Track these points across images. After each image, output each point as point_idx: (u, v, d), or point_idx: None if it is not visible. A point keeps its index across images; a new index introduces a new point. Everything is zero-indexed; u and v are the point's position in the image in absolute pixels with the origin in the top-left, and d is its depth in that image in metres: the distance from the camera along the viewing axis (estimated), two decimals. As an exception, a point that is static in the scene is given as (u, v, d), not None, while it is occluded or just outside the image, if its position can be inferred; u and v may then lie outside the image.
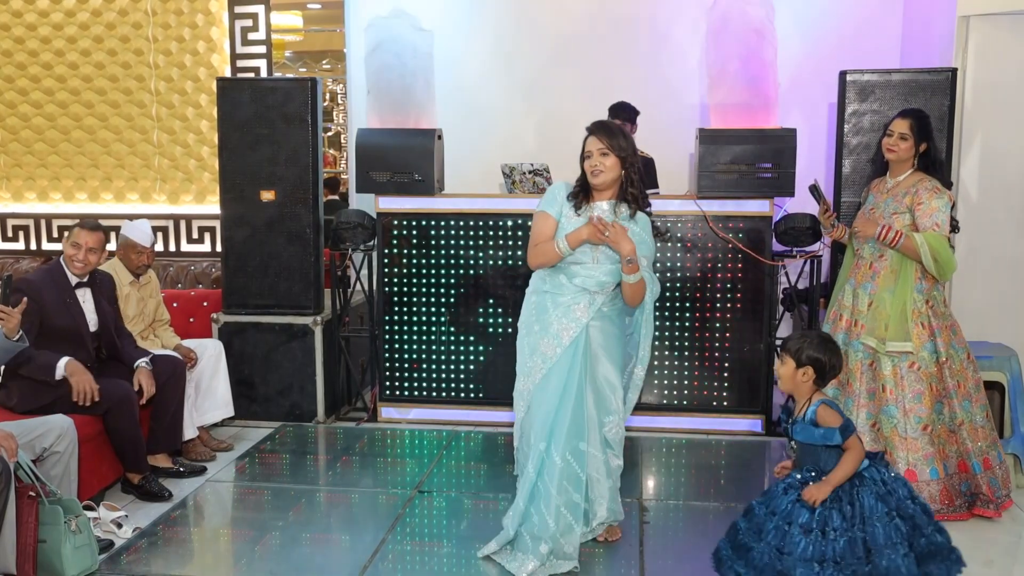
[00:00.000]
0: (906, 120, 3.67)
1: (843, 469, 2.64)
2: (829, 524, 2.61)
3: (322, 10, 6.54)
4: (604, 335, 3.22)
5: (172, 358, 4.12)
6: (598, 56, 5.89)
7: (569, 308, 3.17)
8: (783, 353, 2.82)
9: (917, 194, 3.60)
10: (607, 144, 3.15)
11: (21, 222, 6.60)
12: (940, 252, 3.53)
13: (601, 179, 3.16)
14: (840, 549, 2.58)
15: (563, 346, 3.15)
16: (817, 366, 2.74)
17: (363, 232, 4.87)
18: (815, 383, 2.76)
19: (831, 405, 2.73)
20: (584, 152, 3.21)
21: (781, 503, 2.69)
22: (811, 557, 2.58)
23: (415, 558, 3.27)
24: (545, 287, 3.24)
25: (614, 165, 3.16)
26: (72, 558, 2.99)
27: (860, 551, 2.58)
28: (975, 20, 4.66)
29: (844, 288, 3.87)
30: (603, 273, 3.16)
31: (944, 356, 3.61)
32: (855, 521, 2.61)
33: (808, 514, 2.63)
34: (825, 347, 2.76)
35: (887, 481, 2.68)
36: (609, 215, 3.18)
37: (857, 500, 2.63)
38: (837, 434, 2.65)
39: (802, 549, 2.59)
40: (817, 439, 2.68)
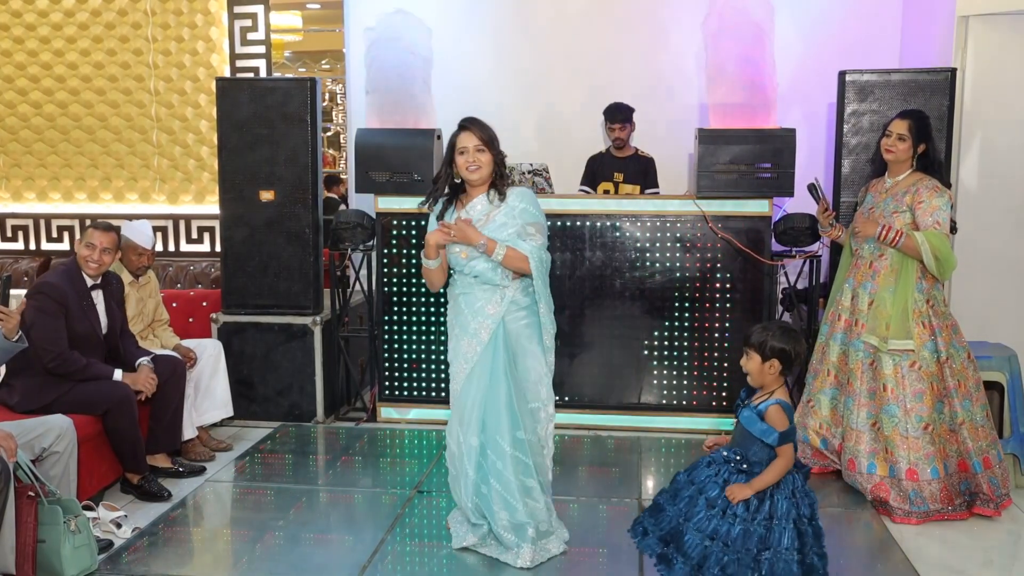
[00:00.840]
0: (904, 121, 3.68)
1: (769, 475, 2.73)
2: (731, 508, 2.72)
3: (321, 10, 6.54)
4: (523, 325, 3.22)
5: (171, 358, 4.12)
6: (598, 56, 5.89)
7: (484, 306, 3.19)
8: (747, 348, 2.86)
9: (918, 192, 3.61)
10: (482, 140, 3.18)
11: (20, 222, 6.60)
12: (940, 250, 3.54)
13: (478, 175, 3.18)
14: (734, 534, 2.69)
15: (483, 343, 3.17)
16: (782, 357, 2.79)
17: (362, 232, 4.87)
18: (781, 374, 2.81)
19: (785, 409, 2.78)
20: (457, 149, 3.19)
21: (700, 474, 2.82)
22: (704, 529, 2.72)
23: (414, 558, 3.27)
24: (457, 289, 3.27)
25: (489, 161, 3.19)
26: (71, 558, 2.99)
27: (752, 543, 2.69)
28: (974, 20, 4.67)
29: (843, 288, 3.87)
30: (487, 266, 3.15)
31: (945, 355, 3.62)
32: (759, 516, 2.71)
33: (717, 489, 2.75)
34: (788, 337, 2.81)
35: (797, 493, 2.77)
36: (483, 206, 3.21)
37: (769, 499, 2.73)
38: (776, 436, 2.73)
39: (699, 519, 2.73)
40: (756, 431, 2.76)
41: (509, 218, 3.18)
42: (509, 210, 3.19)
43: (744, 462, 2.78)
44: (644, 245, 4.67)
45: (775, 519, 2.70)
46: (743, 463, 2.78)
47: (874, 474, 3.67)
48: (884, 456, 3.66)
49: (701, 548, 2.69)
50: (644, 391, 4.78)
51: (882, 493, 3.64)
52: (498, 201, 3.21)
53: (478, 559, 3.21)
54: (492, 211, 3.20)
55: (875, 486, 3.66)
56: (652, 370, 4.75)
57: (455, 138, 3.22)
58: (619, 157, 5.38)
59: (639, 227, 4.67)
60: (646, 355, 4.74)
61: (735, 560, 2.66)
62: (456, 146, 3.20)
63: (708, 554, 2.68)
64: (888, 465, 3.64)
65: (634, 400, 4.78)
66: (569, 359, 4.77)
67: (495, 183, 3.24)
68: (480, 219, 3.19)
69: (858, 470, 3.73)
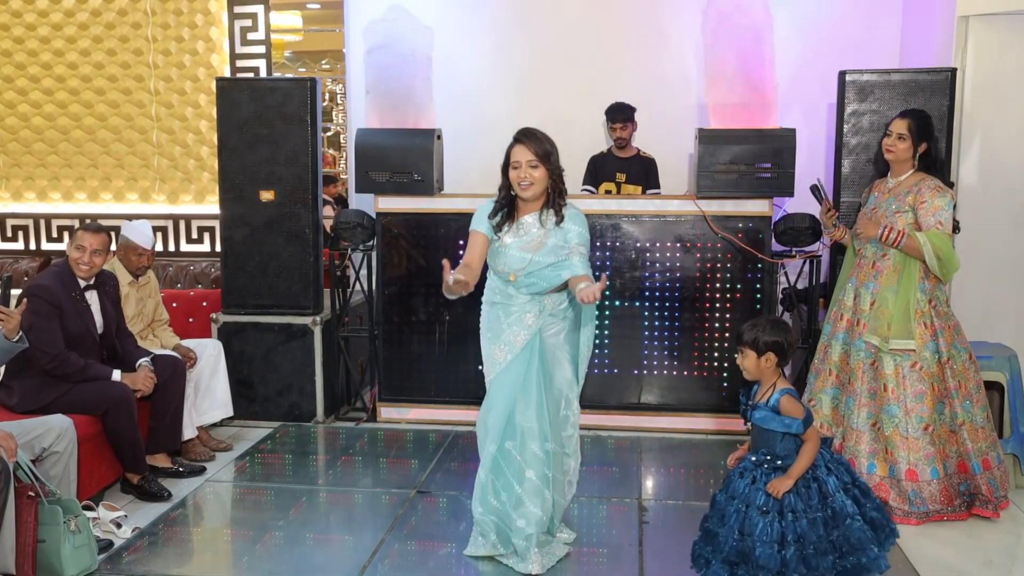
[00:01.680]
0: (904, 120, 3.67)
1: (803, 460, 2.72)
2: (788, 507, 2.70)
3: (321, 10, 6.55)
4: (557, 337, 3.20)
5: (171, 358, 4.12)
6: (597, 56, 5.89)
7: (520, 317, 3.15)
8: (741, 347, 2.86)
9: (920, 192, 3.60)
10: (537, 154, 3.05)
11: (20, 222, 6.60)
12: (942, 250, 3.54)
13: (531, 192, 3.07)
14: (802, 529, 2.68)
15: (515, 352, 3.12)
16: (777, 349, 2.80)
17: (362, 232, 4.87)
18: (777, 366, 2.82)
19: (794, 395, 2.79)
20: (511, 162, 3.09)
21: (739, 487, 2.78)
22: (771, 538, 2.67)
23: (414, 558, 3.27)
24: (496, 299, 3.21)
25: (543, 176, 3.07)
26: (71, 558, 2.99)
27: (822, 529, 2.68)
28: (974, 20, 4.66)
29: (845, 288, 3.87)
30: (555, 278, 3.09)
31: (946, 356, 3.62)
32: (813, 502, 2.70)
33: (764, 496, 2.72)
34: (778, 329, 2.82)
35: (831, 464, 2.79)
36: (537, 230, 3.11)
37: (814, 481, 2.73)
38: (799, 424, 2.73)
39: (760, 530, 2.68)
40: (778, 427, 2.76)
41: (561, 242, 3.09)
42: (563, 234, 3.10)
43: (776, 459, 2.76)
44: (644, 245, 4.66)
45: (829, 497, 2.71)
46: (775, 461, 2.76)
47: (874, 474, 3.67)
48: (884, 456, 3.66)
49: (777, 557, 2.65)
50: (644, 391, 4.78)
51: (882, 493, 3.63)
52: (552, 224, 3.11)
53: (479, 557, 3.21)
54: (543, 236, 3.10)
55: (875, 486, 3.66)
56: (652, 370, 4.75)
57: (509, 150, 3.11)
58: (621, 157, 5.38)
59: (639, 227, 4.67)
60: (646, 355, 4.74)
61: (812, 552, 2.65)
62: (510, 159, 3.10)
63: (787, 559, 2.65)
64: (888, 465, 3.64)
65: (634, 400, 4.78)
66: (569, 359, 4.77)
67: (551, 200, 3.13)
68: (531, 243, 3.10)
69: (858, 470, 3.72)
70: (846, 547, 2.68)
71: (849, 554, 2.69)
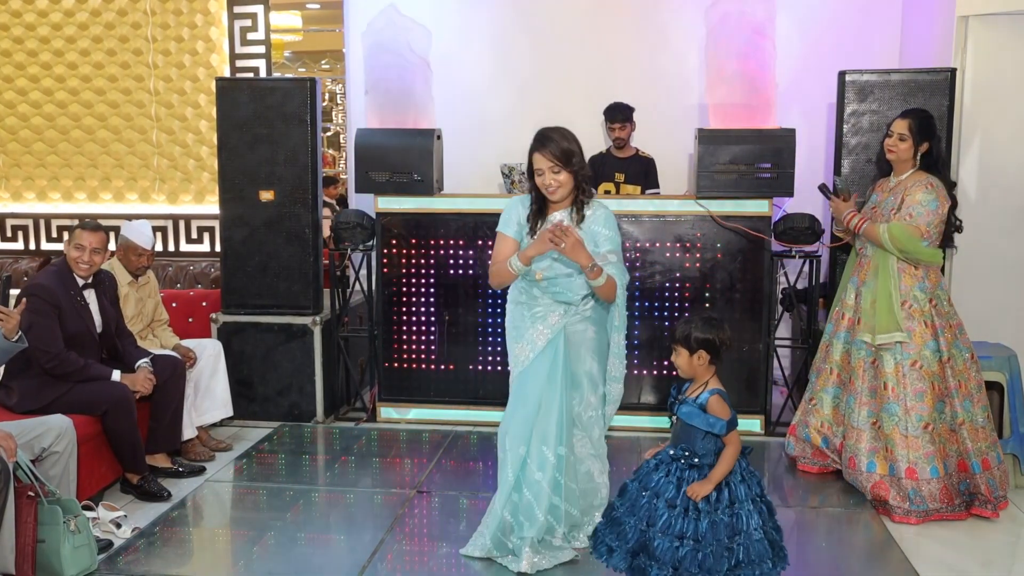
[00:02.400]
0: (905, 120, 3.69)
1: (723, 465, 2.76)
2: (692, 505, 2.73)
3: (321, 10, 6.54)
4: (584, 336, 3.20)
5: (171, 358, 4.12)
6: (597, 56, 5.89)
7: (544, 317, 3.17)
8: (674, 344, 2.89)
9: (907, 189, 3.64)
10: (557, 160, 3.08)
11: (20, 222, 6.60)
12: (900, 239, 3.58)
13: (558, 196, 3.13)
14: (703, 529, 2.71)
15: (537, 350, 3.13)
16: (708, 347, 2.82)
17: (362, 232, 4.86)
18: (711, 364, 2.85)
19: (723, 397, 2.82)
20: (533, 169, 3.13)
21: (652, 479, 2.83)
22: (671, 531, 2.72)
23: (414, 558, 3.27)
24: (521, 298, 3.24)
25: (568, 179, 3.11)
26: (71, 558, 2.99)
27: (722, 533, 2.71)
28: (974, 20, 4.66)
29: (847, 287, 3.89)
30: (578, 287, 3.14)
31: (946, 355, 3.62)
32: (720, 505, 2.73)
33: (674, 490, 2.76)
34: (710, 327, 2.84)
35: (745, 473, 2.82)
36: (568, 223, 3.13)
37: (725, 487, 2.76)
38: (723, 425, 2.76)
39: (663, 522, 2.73)
40: (702, 424, 2.78)
41: (588, 242, 3.10)
42: (590, 235, 3.13)
43: (693, 456, 2.80)
44: (644, 245, 4.66)
45: (736, 504, 2.73)
46: (692, 458, 2.80)
47: (874, 472, 3.68)
48: (884, 455, 3.67)
49: (673, 551, 2.69)
50: (644, 391, 4.78)
51: (881, 492, 3.64)
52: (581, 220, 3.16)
53: (478, 560, 3.21)
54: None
55: (875, 485, 3.67)
56: (652, 370, 4.75)
57: (530, 157, 3.15)
58: (620, 157, 5.38)
59: (639, 227, 4.67)
60: (646, 355, 4.74)
61: (709, 553, 2.68)
62: (533, 166, 3.14)
63: (682, 555, 2.69)
64: (888, 464, 3.64)
65: (634, 400, 4.78)
66: (569, 359, 4.77)
67: (577, 202, 3.17)
68: None
69: (858, 468, 3.73)
70: (743, 558, 2.70)
71: (745, 565, 2.71)
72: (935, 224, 3.60)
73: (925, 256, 3.61)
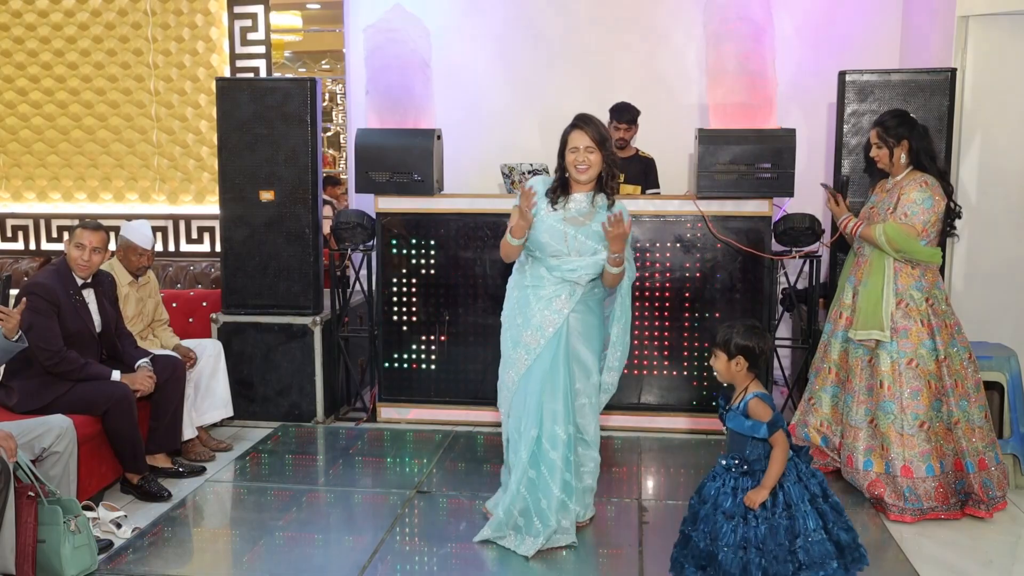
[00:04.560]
0: (874, 129, 3.79)
1: (775, 468, 2.73)
2: (750, 512, 2.71)
3: (321, 10, 6.54)
4: (584, 324, 3.31)
5: (171, 358, 4.12)
6: (597, 56, 5.89)
7: (551, 300, 3.25)
8: (713, 348, 2.89)
9: (903, 188, 3.66)
10: (594, 140, 3.19)
11: (20, 222, 6.60)
12: (896, 240, 3.59)
13: (588, 175, 3.23)
14: (761, 535, 2.68)
15: (547, 337, 3.23)
16: (747, 354, 2.81)
17: (362, 232, 4.86)
18: (749, 370, 2.83)
19: (764, 399, 2.79)
20: (568, 146, 3.23)
21: (709, 490, 2.81)
22: (733, 543, 2.69)
23: (414, 558, 3.27)
24: (526, 281, 3.31)
25: (599, 161, 3.22)
26: (71, 558, 2.99)
27: (782, 537, 2.68)
28: (974, 20, 4.66)
29: (845, 287, 3.89)
30: (586, 266, 3.23)
31: (943, 354, 3.62)
32: (777, 509, 2.71)
33: (731, 500, 2.74)
34: (751, 334, 2.83)
35: (803, 475, 2.78)
36: (586, 206, 3.26)
37: (780, 490, 2.73)
38: (764, 428, 2.73)
39: (724, 534, 2.71)
40: (745, 430, 2.77)
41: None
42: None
43: (744, 463, 2.79)
44: (644, 245, 4.66)
45: (793, 507, 2.71)
46: (743, 465, 2.79)
47: (870, 470, 3.68)
48: (880, 453, 3.67)
49: (738, 561, 2.67)
50: (644, 391, 4.78)
51: (878, 490, 3.64)
52: (600, 205, 3.26)
53: (479, 557, 3.22)
54: (592, 212, 3.24)
55: (871, 483, 3.67)
56: (652, 370, 4.75)
57: (567, 135, 3.25)
58: (620, 157, 5.36)
59: (639, 227, 4.66)
60: (646, 355, 4.74)
61: (773, 559, 2.66)
62: (568, 143, 3.23)
63: (747, 564, 2.67)
64: (884, 462, 3.65)
65: (634, 400, 4.78)
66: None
67: (602, 184, 3.26)
68: (578, 217, 3.24)
69: (855, 467, 3.74)
70: (805, 559, 2.68)
71: (807, 567, 2.68)
72: (932, 222, 3.61)
73: (923, 255, 3.62)
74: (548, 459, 3.20)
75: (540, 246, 3.25)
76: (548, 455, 3.20)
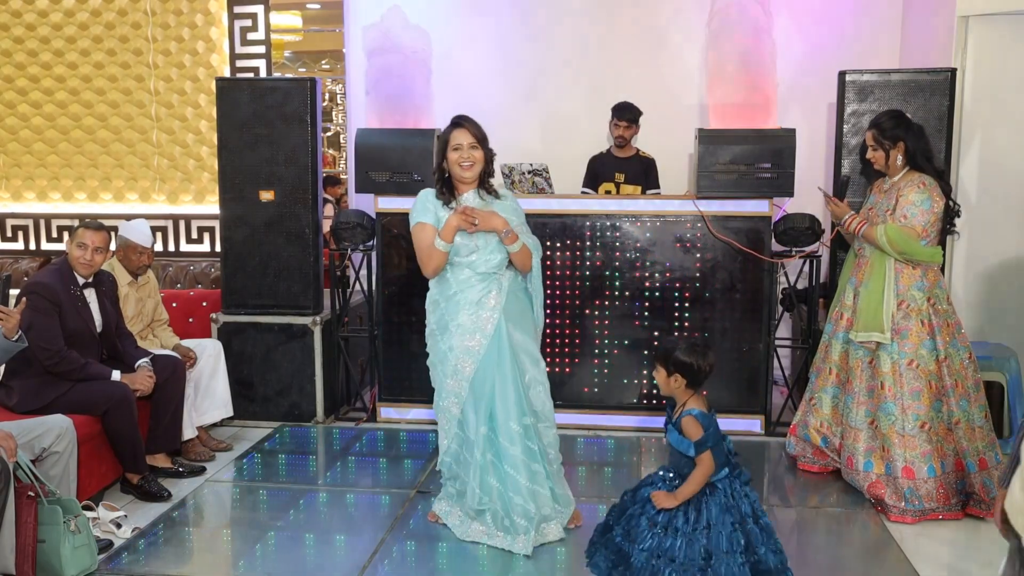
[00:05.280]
0: (870, 132, 3.80)
1: (691, 484, 2.73)
2: (672, 523, 2.73)
3: (321, 10, 6.55)
4: (517, 312, 3.35)
5: (171, 358, 4.12)
6: (597, 56, 5.89)
7: (482, 301, 3.28)
8: (655, 361, 2.88)
9: (900, 189, 3.66)
10: (476, 137, 3.30)
11: (20, 222, 6.60)
12: (898, 242, 3.58)
13: (472, 172, 3.32)
14: (678, 548, 2.69)
15: (488, 336, 3.26)
16: (685, 371, 2.79)
17: (362, 232, 4.86)
18: (688, 387, 2.81)
19: (699, 418, 2.76)
20: (451, 145, 3.31)
21: (644, 493, 2.83)
22: (649, 548, 2.71)
23: (414, 558, 3.27)
24: (451, 290, 3.32)
25: (481, 158, 3.32)
26: (71, 558, 2.99)
27: (697, 555, 2.67)
28: (974, 20, 4.67)
29: (846, 287, 3.89)
30: (499, 252, 3.29)
31: (943, 354, 3.62)
32: (698, 526, 2.71)
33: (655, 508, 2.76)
34: (692, 352, 2.80)
35: (735, 495, 2.76)
36: (477, 203, 3.33)
37: (704, 508, 2.73)
38: (692, 447, 2.74)
39: (643, 539, 2.73)
40: (677, 446, 2.78)
41: (508, 214, 3.32)
42: (505, 207, 3.35)
43: (676, 477, 2.80)
44: (644, 245, 4.66)
45: (711, 526, 2.70)
46: (675, 479, 2.80)
47: (870, 472, 3.68)
48: (880, 454, 3.67)
49: (649, 568, 2.69)
50: (644, 391, 4.78)
51: (878, 491, 3.64)
52: (490, 198, 3.36)
53: (478, 557, 3.21)
54: (484, 207, 3.33)
55: (871, 484, 3.67)
56: (652, 370, 4.74)
57: (448, 135, 3.34)
58: (620, 157, 5.38)
59: (639, 227, 4.67)
60: (646, 355, 4.74)
61: (682, 573, 2.66)
62: (450, 143, 3.32)
63: (656, 572, 2.68)
64: (884, 463, 3.65)
65: (634, 400, 4.78)
66: (569, 359, 4.77)
67: (483, 181, 3.37)
68: None
69: (855, 468, 3.74)
70: None
71: None
72: (931, 223, 3.61)
73: (924, 256, 3.62)
74: (508, 455, 3.22)
75: (455, 249, 3.29)
76: (508, 451, 3.22)
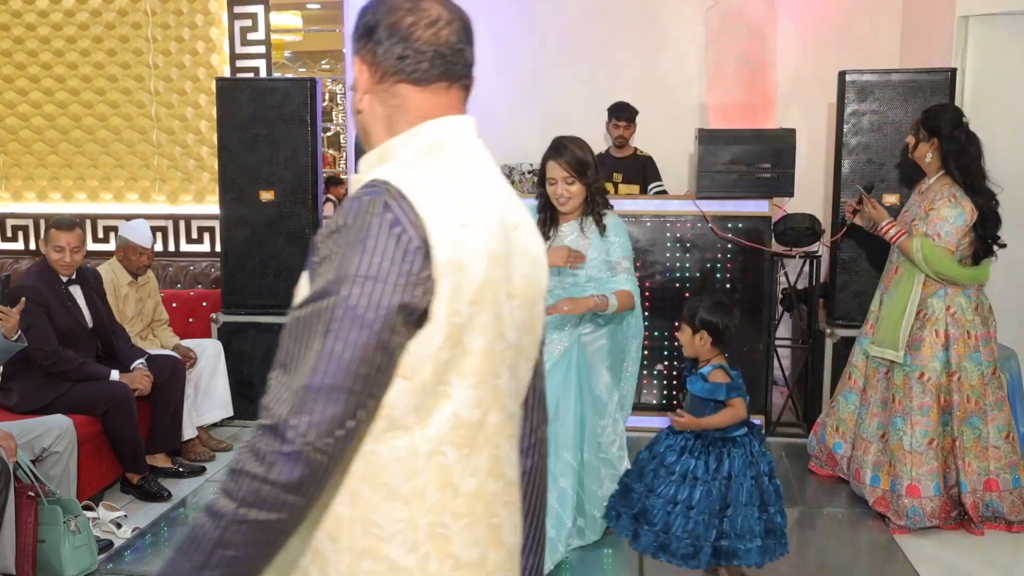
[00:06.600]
0: (916, 118, 3.67)
1: (716, 418, 2.74)
2: (691, 472, 2.72)
3: (321, 10, 6.54)
4: (596, 344, 3.20)
5: (171, 358, 4.12)
6: (598, 56, 5.89)
7: (560, 326, 3.12)
8: (680, 321, 2.89)
9: (933, 200, 3.53)
10: (572, 171, 3.04)
11: (20, 222, 6.59)
12: (932, 261, 3.46)
13: (569, 207, 3.09)
14: (696, 497, 2.69)
15: (552, 359, 3.07)
16: (711, 329, 2.80)
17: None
18: (713, 346, 2.82)
19: (727, 370, 2.80)
20: (547, 178, 3.10)
21: (660, 446, 2.83)
22: (666, 496, 2.71)
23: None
24: None
25: (580, 191, 3.07)
26: (71, 558, 2.99)
27: (715, 504, 2.68)
28: (974, 20, 4.66)
29: (876, 293, 3.82)
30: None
31: (954, 367, 3.50)
32: (717, 476, 2.71)
33: (674, 457, 2.76)
34: (717, 310, 2.82)
35: (755, 452, 2.78)
36: (578, 236, 3.12)
37: (727, 458, 2.73)
38: (723, 390, 2.75)
39: (661, 488, 2.73)
40: (703, 392, 2.78)
41: (600, 252, 3.10)
42: (603, 245, 3.11)
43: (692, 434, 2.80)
44: (644, 245, 4.66)
45: (733, 477, 2.70)
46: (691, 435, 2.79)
47: (876, 487, 3.63)
48: (887, 470, 3.60)
49: (664, 514, 2.69)
50: (644, 391, 4.78)
51: (880, 507, 3.59)
52: (592, 232, 3.12)
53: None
54: (582, 242, 3.11)
55: (875, 500, 3.62)
56: (652, 370, 4.74)
57: (544, 164, 3.11)
58: (618, 157, 5.38)
59: (639, 227, 4.67)
60: (646, 355, 4.72)
61: (700, 521, 2.67)
62: (546, 174, 3.10)
63: (673, 519, 2.68)
64: (890, 480, 3.57)
65: (635, 400, 4.76)
66: (569, 359, 4.76)
67: (590, 211, 3.13)
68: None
69: (862, 480, 3.69)
70: (729, 529, 2.67)
71: (729, 537, 2.68)
72: (961, 238, 3.48)
73: (965, 278, 3.49)
74: (559, 488, 3.03)
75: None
76: (558, 484, 3.03)
